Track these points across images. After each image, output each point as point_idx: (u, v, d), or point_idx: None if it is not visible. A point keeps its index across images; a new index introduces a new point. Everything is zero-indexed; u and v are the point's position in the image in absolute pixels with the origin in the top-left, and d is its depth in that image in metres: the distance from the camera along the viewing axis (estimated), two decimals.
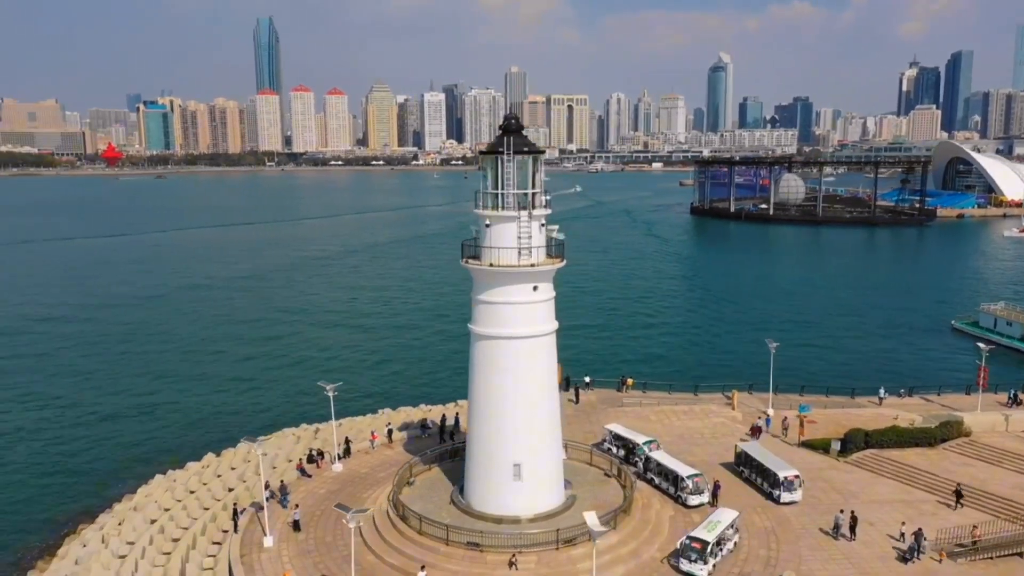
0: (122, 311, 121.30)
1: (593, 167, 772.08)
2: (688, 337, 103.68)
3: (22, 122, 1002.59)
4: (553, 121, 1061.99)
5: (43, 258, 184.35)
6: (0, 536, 51.62)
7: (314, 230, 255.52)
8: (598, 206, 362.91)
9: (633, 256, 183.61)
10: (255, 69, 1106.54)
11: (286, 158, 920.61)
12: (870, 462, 54.06)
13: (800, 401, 69.19)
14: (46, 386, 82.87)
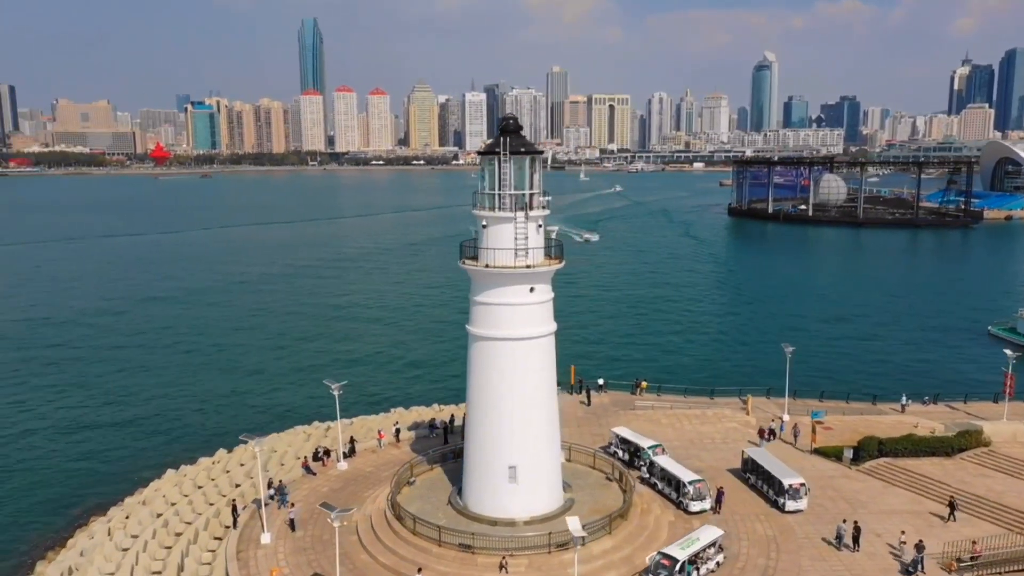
0: (152, 307, 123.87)
1: (633, 167, 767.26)
2: (712, 340, 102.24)
3: (76, 122, 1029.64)
4: (594, 121, 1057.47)
5: (87, 254, 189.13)
6: (18, 523, 53.02)
7: (351, 229, 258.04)
8: (636, 206, 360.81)
9: (666, 257, 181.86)
10: (299, 70, 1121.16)
11: (328, 158, 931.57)
12: (883, 471, 52.67)
13: (818, 407, 67.86)
14: (75, 378, 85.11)
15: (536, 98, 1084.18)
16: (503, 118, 44.02)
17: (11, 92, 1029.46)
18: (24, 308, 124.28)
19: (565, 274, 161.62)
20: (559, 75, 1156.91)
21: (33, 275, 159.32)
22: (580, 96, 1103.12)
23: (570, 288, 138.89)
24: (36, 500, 56.69)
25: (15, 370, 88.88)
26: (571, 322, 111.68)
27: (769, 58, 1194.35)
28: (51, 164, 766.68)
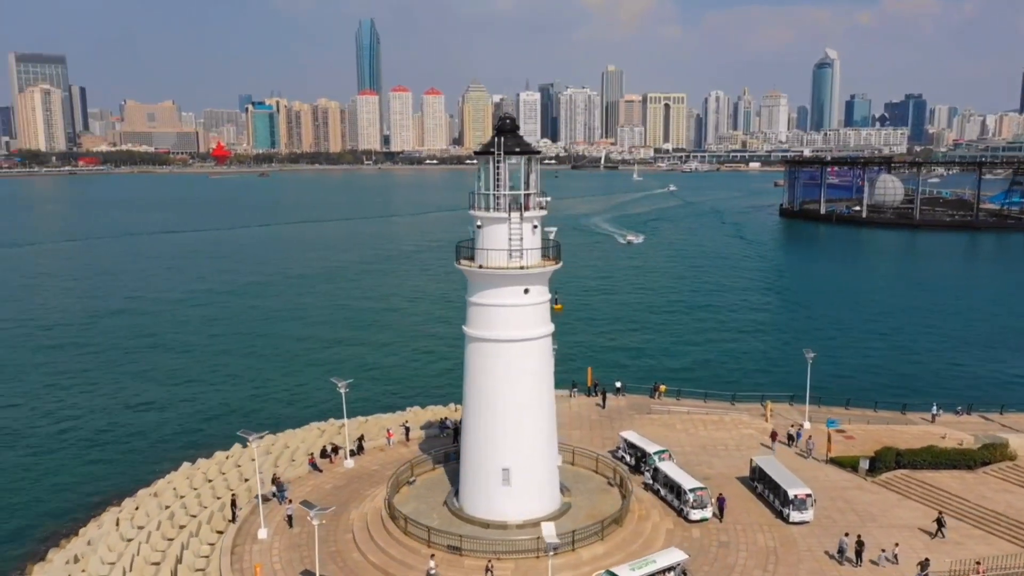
0: (187, 303, 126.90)
1: (687, 167, 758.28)
2: (743, 344, 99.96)
3: (142, 122, 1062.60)
4: (649, 120, 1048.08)
5: (138, 250, 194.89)
6: (39, 510, 54.73)
7: (400, 227, 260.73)
8: (687, 206, 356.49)
9: (711, 259, 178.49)
10: (356, 70, 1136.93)
11: (383, 157, 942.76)
12: (899, 483, 50.74)
13: (843, 415, 65.97)
14: (107, 370, 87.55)
15: (590, 97, 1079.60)
16: (500, 118, 43.77)
17: (82, 93, 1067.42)
18: (70, 301, 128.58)
19: (602, 276, 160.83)
20: (614, 74, 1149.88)
21: (84, 270, 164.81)
22: (635, 95, 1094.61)
23: (605, 290, 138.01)
24: (58, 488, 58.47)
25: (50, 361, 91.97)
26: (601, 324, 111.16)
27: (831, 55, 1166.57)
28: (117, 163, 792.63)
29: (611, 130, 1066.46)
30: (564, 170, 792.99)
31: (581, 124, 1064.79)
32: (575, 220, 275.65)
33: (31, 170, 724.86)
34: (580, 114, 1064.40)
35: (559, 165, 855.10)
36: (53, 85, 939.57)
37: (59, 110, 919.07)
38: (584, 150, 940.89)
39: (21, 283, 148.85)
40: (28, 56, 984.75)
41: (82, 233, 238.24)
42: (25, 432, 70.03)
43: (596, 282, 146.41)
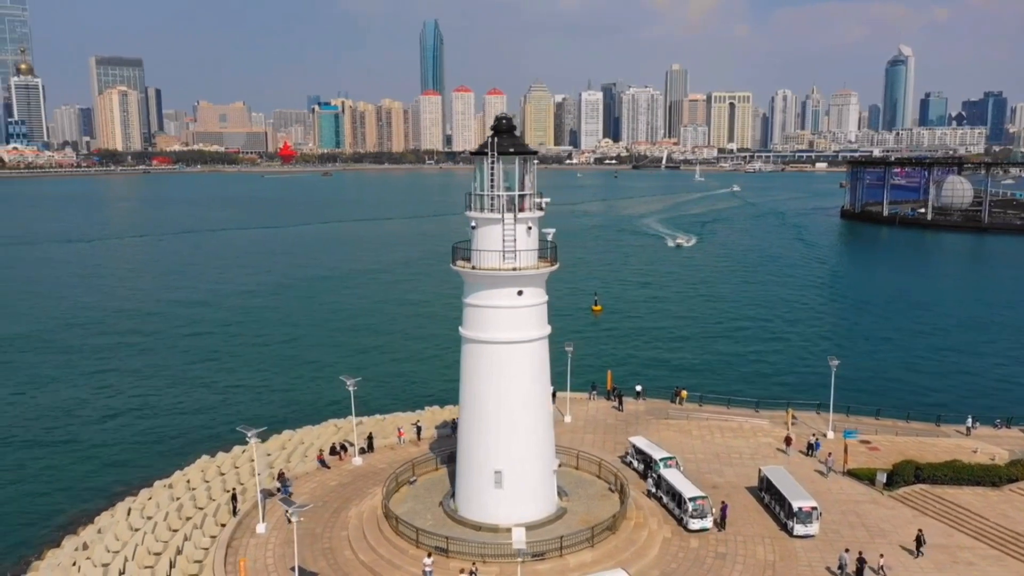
0: (224, 300, 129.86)
1: (750, 167, 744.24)
2: (780, 350, 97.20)
3: (214, 122, 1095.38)
4: (713, 119, 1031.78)
5: (192, 247, 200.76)
6: (62, 497, 56.73)
7: (455, 225, 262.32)
8: (747, 207, 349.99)
9: (764, 261, 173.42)
10: (420, 71, 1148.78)
11: (445, 156, 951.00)
12: (916, 498, 48.64)
13: (873, 425, 63.67)
14: (138, 363, 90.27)
15: (653, 97, 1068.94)
16: (497, 118, 43.59)
17: (158, 95, 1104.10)
18: (113, 296, 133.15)
19: (645, 278, 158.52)
20: (678, 73, 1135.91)
21: (134, 266, 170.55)
22: (699, 94, 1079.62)
23: (647, 292, 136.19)
24: (85, 474, 60.53)
25: (87, 354, 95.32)
26: (636, 326, 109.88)
27: (905, 52, 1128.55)
28: (189, 162, 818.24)
29: (674, 130, 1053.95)
30: (624, 170, 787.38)
31: (643, 124, 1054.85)
32: (628, 221, 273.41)
33: (108, 169, 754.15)
34: (642, 114, 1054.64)
35: (619, 165, 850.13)
36: (130, 87, 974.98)
37: (135, 111, 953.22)
38: (646, 150, 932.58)
39: (76, 277, 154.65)
40: (107, 59, 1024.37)
41: (142, 230, 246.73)
42: (60, 419, 72.81)
43: (638, 284, 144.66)
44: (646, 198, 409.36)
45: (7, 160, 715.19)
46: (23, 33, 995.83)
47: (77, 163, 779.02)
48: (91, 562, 43.82)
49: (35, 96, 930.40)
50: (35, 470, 62.26)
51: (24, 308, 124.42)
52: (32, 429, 71.08)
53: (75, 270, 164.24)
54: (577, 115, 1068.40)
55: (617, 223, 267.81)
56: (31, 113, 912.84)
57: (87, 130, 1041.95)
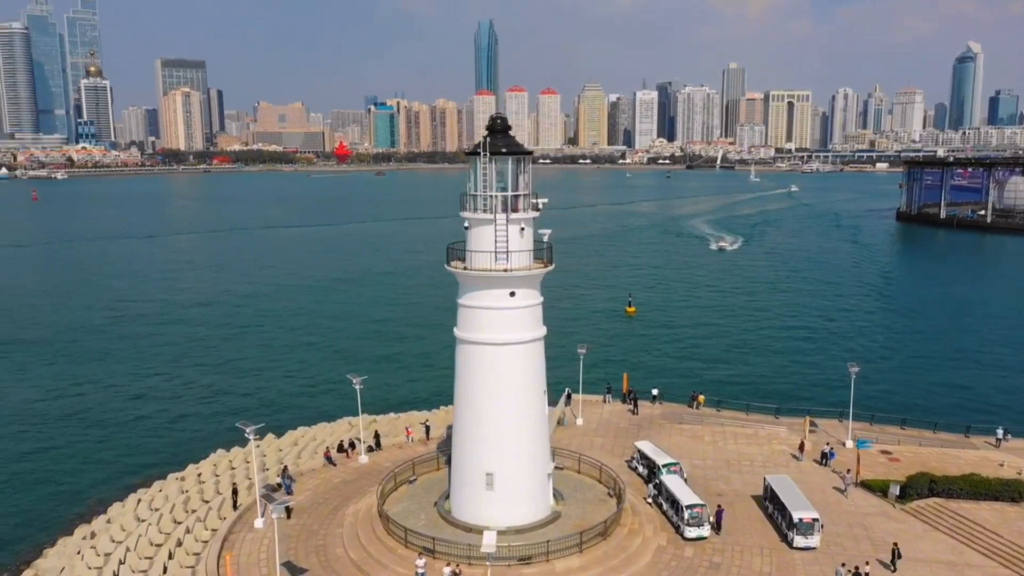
0: (253, 299, 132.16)
1: (808, 167, 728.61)
2: (814, 356, 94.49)
3: (273, 123, 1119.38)
4: (771, 119, 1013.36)
5: (236, 245, 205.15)
6: (78, 486, 58.45)
7: None
8: (801, 208, 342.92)
9: (810, 265, 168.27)
10: (475, 71, 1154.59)
11: None
12: (929, 512, 46.77)
13: (899, 435, 61.58)
14: (157, 361, 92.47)
15: (710, 96, 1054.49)
16: (491, 117, 43.34)
17: (219, 96, 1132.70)
18: (150, 293, 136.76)
19: (682, 281, 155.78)
20: (735, 71, 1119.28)
21: (175, 263, 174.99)
22: (757, 93, 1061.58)
23: (681, 295, 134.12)
24: (101, 464, 62.25)
25: (125, 346, 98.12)
26: (664, 329, 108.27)
27: (974, 49, 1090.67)
28: (247, 161, 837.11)
29: (730, 129, 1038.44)
30: (678, 170, 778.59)
31: (699, 123, 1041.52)
32: (675, 222, 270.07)
33: (171, 168, 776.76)
34: (698, 113, 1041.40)
35: (673, 165, 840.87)
36: (193, 88, 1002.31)
37: (198, 112, 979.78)
38: (701, 150, 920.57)
39: (123, 273, 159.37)
40: (172, 61, 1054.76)
41: (195, 227, 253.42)
42: (92, 406, 75.18)
43: (676, 286, 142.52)
44: (697, 198, 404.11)
45: (76, 159, 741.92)
46: (93, 37, 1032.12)
47: (141, 162, 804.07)
48: (95, 551, 45.01)
49: (103, 97, 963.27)
50: (62, 456, 64.46)
51: (72, 301, 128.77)
52: (67, 415, 73.88)
53: (123, 266, 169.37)
54: (631, 114, 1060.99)
55: (663, 224, 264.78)
56: (99, 114, 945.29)
57: (153, 130, 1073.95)
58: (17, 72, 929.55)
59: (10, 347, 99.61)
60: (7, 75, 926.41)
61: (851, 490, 49.68)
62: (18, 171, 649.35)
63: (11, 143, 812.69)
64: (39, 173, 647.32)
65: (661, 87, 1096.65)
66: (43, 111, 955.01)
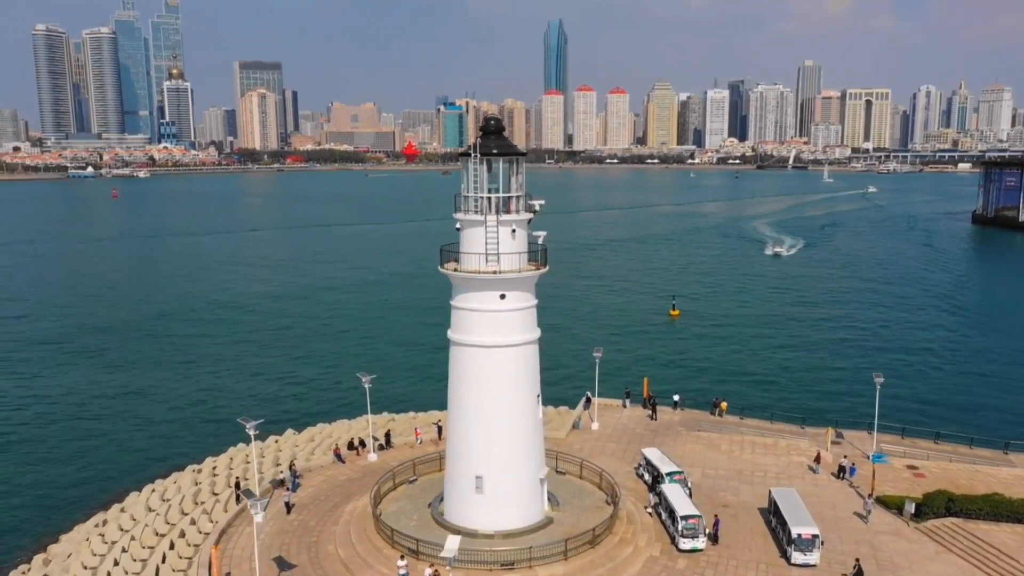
0: (291, 295, 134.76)
1: (884, 167, 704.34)
2: (861, 366, 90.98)
3: (346, 123, 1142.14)
4: (847, 118, 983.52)
5: (288, 242, 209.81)
6: (99, 475, 60.61)
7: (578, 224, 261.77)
8: (875, 210, 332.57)
9: (874, 271, 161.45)
10: (543, 70, 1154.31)
11: (565, 156, 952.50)
12: (945, 532, 44.43)
13: (932, 449, 58.77)
14: (179, 358, 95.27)
15: (783, 94, 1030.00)
16: (485, 119, 43.01)
17: (294, 97, 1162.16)
18: (200, 289, 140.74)
19: (729, 285, 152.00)
20: (811, 69, 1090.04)
21: (220, 260, 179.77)
22: (833, 91, 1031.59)
23: (725, 300, 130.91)
24: (126, 453, 64.55)
25: (162, 340, 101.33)
26: (709, 334, 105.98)
27: None
28: (319, 160, 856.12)
29: (805, 129, 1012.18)
30: (748, 170, 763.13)
31: (771, 122, 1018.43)
32: (735, 223, 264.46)
33: (245, 167, 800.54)
34: (771, 112, 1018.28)
35: (743, 165, 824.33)
36: (269, 90, 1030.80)
37: (273, 112, 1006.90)
38: (773, 149, 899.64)
39: (173, 269, 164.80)
40: (249, 63, 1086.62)
41: (257, 225, 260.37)
42: (125, 398, 77.94)
43: (724, 291, 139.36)
44: (764, 199, 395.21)
45: (157, 158, 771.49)
46: (176, 40, 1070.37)
47: (218, 161, 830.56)
48: (102, 539, 46.54)
49: (184, 99, 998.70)
50: (100, 443, 67.49)
51: (130, 294, 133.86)
52: (108, 404, 77.19)
53: (182, 263, 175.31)
54: (701, 114, 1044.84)
55: (722, 226, 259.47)
56: (180, 115, 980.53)
57: (231, 130, 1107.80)
58: (105, 75, 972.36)
59: (65, 338, 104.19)
60: (96, 78, 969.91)
61: (873, 516, 46.79)
62: (103, 170, 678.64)
63: (98, 143, 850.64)
64: (122, 172, 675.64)
65: (733, 86, 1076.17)
66: (128, 112, 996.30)
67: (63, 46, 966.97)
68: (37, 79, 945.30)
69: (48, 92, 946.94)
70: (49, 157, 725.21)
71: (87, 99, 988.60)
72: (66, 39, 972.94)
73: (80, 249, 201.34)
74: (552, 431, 60.81)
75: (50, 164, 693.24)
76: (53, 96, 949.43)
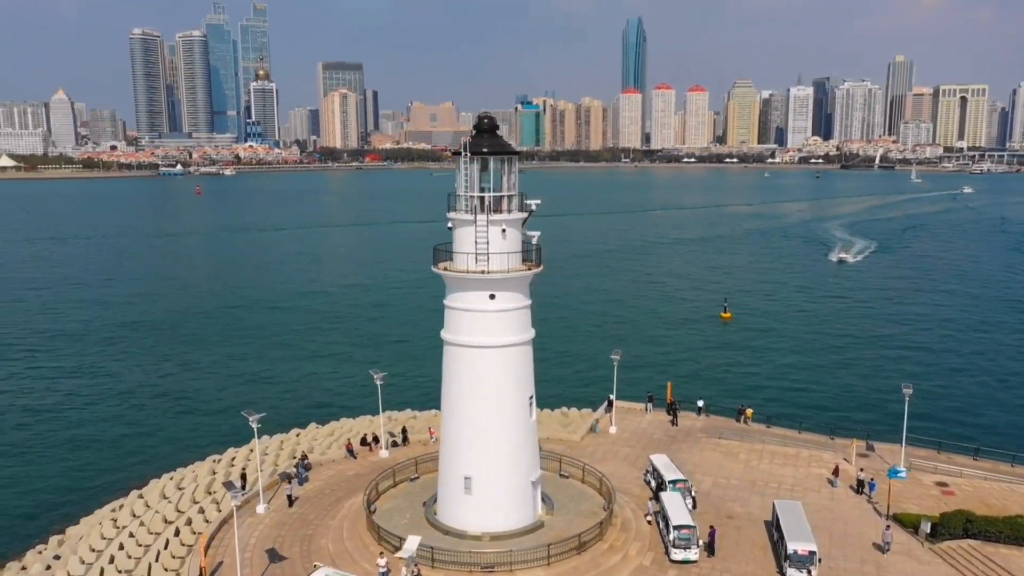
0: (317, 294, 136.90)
1: (978, 167, 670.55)
2: (905, 376, 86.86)
3: (425, 122, 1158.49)
4: (940, 115, 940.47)
5: (332, 240, 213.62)
6: (138, 461, 62.88)
7: (647, 224, 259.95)
8: (966, 211, 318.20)
9: (947, 278, 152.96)
10: (621, 68, 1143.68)
11: (642, 155, 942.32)
12: (960, 556, 41.86)
13: (970, 466, 55.57)
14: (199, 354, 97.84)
15: (871, 91, 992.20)
16: (478, 117, 42.53)
17: (375, 97, 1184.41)
18: (241, 287, 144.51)
19: (788, 291, 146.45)
20: (902, 65, 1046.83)
21: (295, 256, 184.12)
22: (925, 88, 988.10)
23: (785, 306, 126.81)
24: (145, 447, 66.97)
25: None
26: (757, 339, 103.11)
27: None
28: (397, 159, 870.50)
29: (894, 127, 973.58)
30: (831, 170, 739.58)
31: (858, 121, 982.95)
32: (804, 225, 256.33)
33: (325, 165, 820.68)
34: (858, 110, 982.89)
35: (826, 164, 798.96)
36: (350, 90, 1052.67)
37: (354, 112, 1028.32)
38: (859, 148, 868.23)
39: (233, 265, 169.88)
40: (332, 64, 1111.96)
41: (323, 221, 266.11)
42: (146, 392, 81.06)
43: (778, 296, 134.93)
44: (843, 200, 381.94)
45: (242, 157, 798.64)
46: (263, 43, 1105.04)
47: (299, 160, 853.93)
48: (114, 523, 48.22)
49: (270, 99, 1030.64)
50: (141, 429, 70.73)
51: (191, 288, 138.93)
52: (153, 392, 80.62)
53: (246, 258, 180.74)
54: (784, 112, 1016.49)
55: (790, 227, 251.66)
56: (266, 114, 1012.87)
57: (315, 130, 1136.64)
58: (196, 76, 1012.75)
59: (123, 329, 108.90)
60: (187, 79, 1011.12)
61: (891, 549, 43.82)
62: (191, 168, 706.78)
63: (188, 142, 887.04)
64: (209, 169, 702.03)
65: (818, 83, 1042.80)
66: (217, 112, 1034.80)
67: (157, 49, 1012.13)
68: (133, 81, 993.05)
69: (143, 93, 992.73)
70: (142, 156, 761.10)
71: (179, 100, 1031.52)
72: (160, 42, 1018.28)
73: (156, 244, 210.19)
74: (568, 434, 60.29)
75: (143, 162, 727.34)
76: (148, 97, 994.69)
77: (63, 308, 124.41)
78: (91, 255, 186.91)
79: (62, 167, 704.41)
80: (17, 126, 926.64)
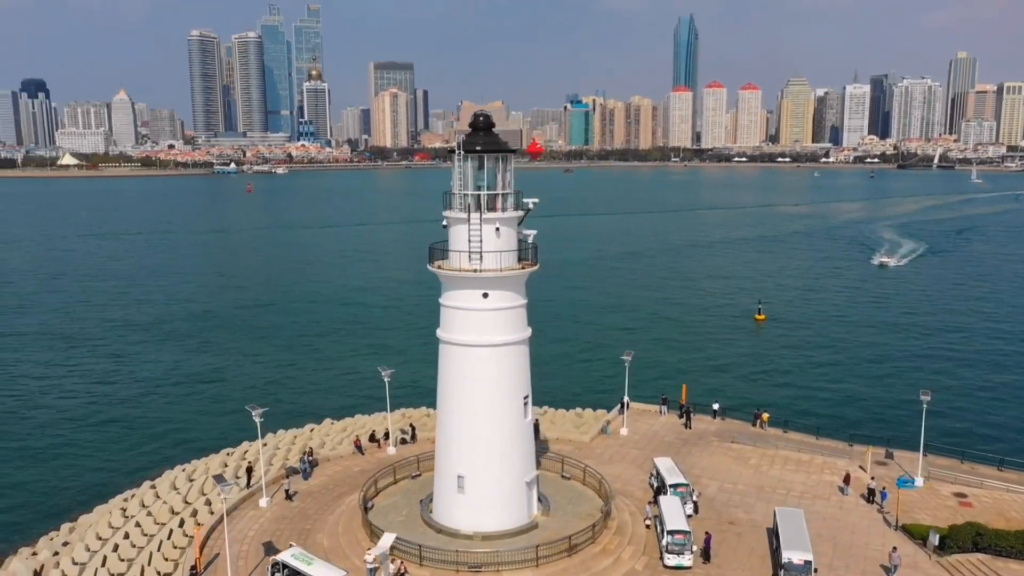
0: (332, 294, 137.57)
1: None
2: (931, 385, 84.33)
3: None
4: (1004, 113, 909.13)
5: (356, 239, 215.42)
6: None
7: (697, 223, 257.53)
8: (1020, 213, 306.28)
9: (1000, 283, 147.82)
10: (672, 67, 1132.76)
11: (692, 154, 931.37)
12: (968, 569, 40.31)
13: (995, 476, 53.56)
14: (207, 353, 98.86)
15: (931, 89, 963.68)
16: (474, 115, 42.53)
17: (425, 96, 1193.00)
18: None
19: (827, 294, 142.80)
20: (964, 62, 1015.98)
21: (331, 254, 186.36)
22: (989, 85, 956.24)
23: (821, 310, 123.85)
24: (180, 438, 68.19)
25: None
26: (790, 342, 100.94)
27: None
28: (445, 158, 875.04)
29: (955, 126, 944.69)
30: (887, 170, 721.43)
31: (917, 119, 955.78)
32: (851, 226, 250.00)
33: (375, 164, 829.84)
34: (917, 108, 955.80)
35: (882, 164, 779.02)
36: (401, 89, 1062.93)
37: (404, 111, 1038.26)
38: (918, 148, 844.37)
39: (267, 263, 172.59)
40: (384, 64, 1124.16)
41: (364, 219, 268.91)
42: (174, 385, 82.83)
43: (813, 300, 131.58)
44: (897, 200, 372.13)
45: (294, 155, 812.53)
46: (316, 43, 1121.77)
47: (350, 159, 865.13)
48: (123, 512, 49.36)
49: (322, 99, 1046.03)
50: (168, 420, 72.38)
51: (225, 284, 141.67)
52: (173, 386, 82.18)
53: (284, 256, 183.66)
54: (840, 110, 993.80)
55: (836, 229, 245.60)
56: (318, 114, 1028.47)
57: (366, 129, 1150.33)
58: (251, 77, 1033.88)
59: (159, 321, 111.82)
60: (243, 80, 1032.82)
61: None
62: (245, 166, 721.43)
63: (243, 141, 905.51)
64: (262, 168, 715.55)
65: (875, 80, 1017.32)
66: (271, 112, 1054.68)
67: (214, 50, 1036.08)
68: (191, 81, 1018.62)
69: (200, 93, 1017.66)
70: (198, 154, 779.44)
71: (235, 100, 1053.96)
72: (217, 43, 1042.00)
73: (203, 240, 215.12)
74: (579, 435, 59.82)
75: (198, 160, 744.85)
76: (204, 97, 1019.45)
77: (110, 301, 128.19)
78: (140, 251, 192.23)
79: (121, 165, 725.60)
80: (81, 126, 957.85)
